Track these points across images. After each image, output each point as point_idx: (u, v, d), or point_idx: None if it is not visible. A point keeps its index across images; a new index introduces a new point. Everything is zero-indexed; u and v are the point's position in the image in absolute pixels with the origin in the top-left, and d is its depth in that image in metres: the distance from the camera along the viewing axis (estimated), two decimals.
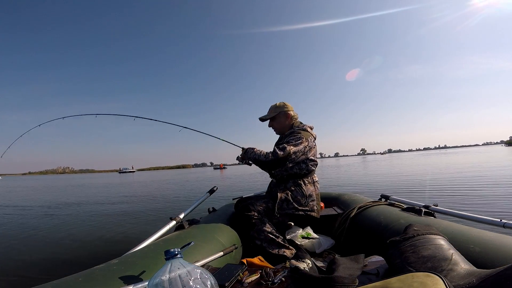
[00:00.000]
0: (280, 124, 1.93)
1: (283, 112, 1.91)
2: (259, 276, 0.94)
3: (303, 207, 1.69)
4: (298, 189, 1.72)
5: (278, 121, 1.93)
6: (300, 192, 1.71)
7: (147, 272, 0.88)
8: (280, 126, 1.94)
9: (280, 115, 1.91)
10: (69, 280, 0.79)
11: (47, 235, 4.20)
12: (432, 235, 0.90)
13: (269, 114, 1.95)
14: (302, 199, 1.70)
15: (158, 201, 8.14)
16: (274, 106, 1.95)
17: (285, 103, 1.94)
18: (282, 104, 1.92)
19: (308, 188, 1.74)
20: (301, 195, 1.71)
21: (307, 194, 1.72)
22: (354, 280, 0.77)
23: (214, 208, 2.07)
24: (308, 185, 1.75)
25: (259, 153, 1.72)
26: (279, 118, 1.92)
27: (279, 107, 1.92)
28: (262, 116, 1.98)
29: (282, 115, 1.91)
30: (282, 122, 1.92)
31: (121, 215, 5.71)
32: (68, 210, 6.88)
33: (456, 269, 0.73)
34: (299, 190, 1.72)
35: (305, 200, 1.70)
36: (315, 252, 1.60)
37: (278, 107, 1.92)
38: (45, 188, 18.44)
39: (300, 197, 1.70)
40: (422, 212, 1.38)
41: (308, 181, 1.77)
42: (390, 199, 1.89)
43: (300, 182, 1.74)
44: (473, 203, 4.60)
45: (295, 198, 1.70)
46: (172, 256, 0.67)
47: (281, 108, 1.91)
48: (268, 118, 1.96)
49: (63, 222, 5.29)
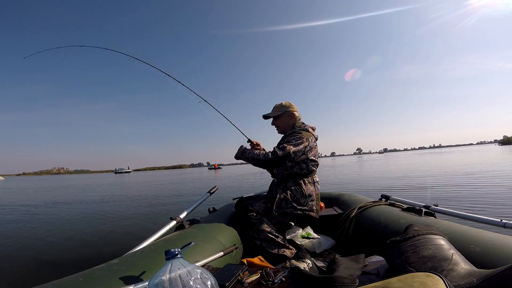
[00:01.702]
0: (284, 123, 1.94)
1: (288, 112, 1.91)
2: (259, 276, 0.94)
3: (302, 206, 1.69)
4: (298, 188, 1.72)
5: (283, 120, 1.93)
6: (299, 192, 1.71)
7: (148, 272, 0.88)
8: (284, 126, 1.94)
9: (285, 115, 1.92)
10: (69, 280, 0.79)
11: (46, 235, 4.20)
12: (433, 235, 0.90)
13: (274, 113, 1.94)
14: (301, 199, 1.70)
15: (157, 201, 8.14)
16: (280, 105, 1.94)
17: (290, 103, 1.94)
18: (288, 104, 1.93)
19: (308, 188, 1.73)
20: (301, 195, 1.70)
21: (307, 194, 1.71)
22: (355, 280, 0.77)
23: (214, 208, 2.07)
24: (308, 185, 1.75)
25: (258, 152, 1.72)
26: (284, 117, 1.92)
27: (285, 106, 1.92)
28: (267, 113, 1.98)
29: (287, 114, 1.91)
30: (286, 122, 1.93)
31: (120, 215, 5.72)
32: (67, 210, 6.89)
33: (456, 269, 0.73)
34: (298, 190, 1.71)
35: (305, 200, 1.70)
36: (315, 252, 1.60)
37: (284, 106, 1.92)
38: (41, 188, 18.51)
39: (299, 196, 1.70)
40: (423, 212, 1.38)
41: (308, 181, 1.76)
42: (391, 199, 1.89)
43: (300, 182, 1.74)
44: (473, 203, 4.60)
45: (294, 197, 1.69)
46: (172, 256, 0.67)
47: (286, 107, 1.91)
48: (272, 116, 1.96)
49: (62, 222, 5.29)
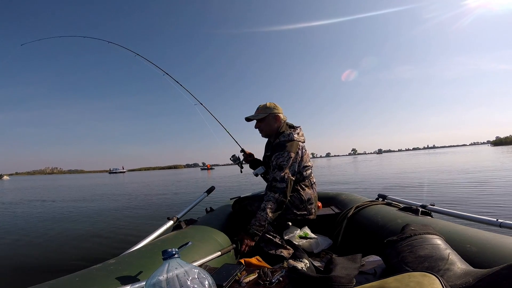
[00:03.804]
0: (268, 127, 1.78)
1: (273, 114, 1.76)
2: (257, 276, 0.94)
3: (301, 211, 1.66)
4: (297, 194, 1.66)
5: (267, 123, 1.78)
6: (298, 198, 1.66)
7: (145, 272, 0.87)
8: (268, 129, 1.79)
9: (270, 117, 1.76)
10: (66, 280, 0.78)
11: (44, 235, 4.17)
12: (429, 235, 0.91)
13: (258, 115, 1.78)
14: (300, 205, 1.66)
15: (154, 201, 8.12)
16: (264, 106, 1.79)
17: (275, 105, 1.79)
18: (273, 105, 1.78)
19: (307, 192, 1.68)
20: (300, 201, 1.65)
21: (306, 198, 1.66)
22: (352, 279, 0.77)
23: (211, 208, 2.06)
24: (306, 189, 1.69)
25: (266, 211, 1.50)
26: (268, 120, 1.77)
27: (269, 107, 1.77)
28: (249, 115, 1.82)
29: (271, 117, 1.76)
30: (271, 125, 1.77)
31: (117, 215, 5.70)
32: (64, 210, 6.85)
33: (453, 268, 0.74)
34: (297, 196, 1.66)
35: (304, 205, 1.66)
36: (313, 252, 1.60)
37: (268, 108, 1.77)
38: (39, 188, 18.41)
39: (298, 202, 1.65)
40: (419, 211, 1.39)
41: (305, 185, 1.71)
42: (388, 199, 1.90)
43: (298, 188, 1.67)
44: (469, 202, 4.63)
45: (293, 203, 1.65)
46: (169, 256, 0.67)
47: (271, 109, 1.76)
48: (256, 118, 1.80)
49: (59, 222, 5.26)
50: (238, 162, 2.06)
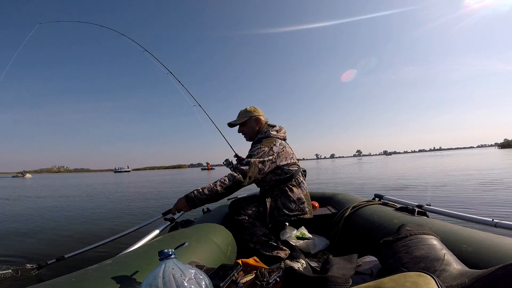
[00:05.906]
0: (250, 130, 1.86)
1: (253, 117, 1.84)
2: (254, 277, 0.93)
3: (294, 212, 1.65)
4: (285, 195, 1.66)
5: (249, 126, 1.85)
6: (288, 198, 1.65)
7: (141, 272, 0.87)
8: (250, 132, 1.86)
9: (251, 121, 1.84)
10: (62, 280, 0.77)
11: (40, 234, 4.15)
12: (425, 235, 0.91)
13: (239, 119, 1.86)
14: (291, 205, 1.65)
15: (152, 201, 8.10)
16: (244, 110, 1.87)
17: (255, 108, 1.87)
18: (253, 109, 1.86)
19: (295, 192, 1.67)
20: (290, 201, 1.65)
21: (295, 198, 1.66)
22: (348, 280, 0.78)
23: (208, 209, 2.06)
24: (294, 188, 1.68)
25: (216, 184, 1.49)
26: (249, 123, 1.85)
27: (249, 111, 1.85)
28: (232, 121, 1.90)
29: (252, 120, 1.84)
30: (252, 128, 1.85)
31: (115, 215, 5.67)
32: (61, 209, 6.80)
33: (448, 269, 0.74)
34: (287, 196, 1.66)
35: (295, 205, 1.65)
36: (309, 253, 1.60)
37: (248, 112, 1.85)
38: (39, 187, 18.33)
39: (289, 203, 1.65)
40: (415, 211, 1.39)
41: (292, 184, 1.69)
42: (384, 199, 1.90)
43: (285, 189, 1.67)
44: (465, 202, 4.67)
45: (284, 205, 1.64)
46: (166, 256, 0.67)
47: (251, 113, 1.84)
48: (238, 123, 1.88)
49: (56, 221, 5.22)
50: (231, 166, 2.08)
